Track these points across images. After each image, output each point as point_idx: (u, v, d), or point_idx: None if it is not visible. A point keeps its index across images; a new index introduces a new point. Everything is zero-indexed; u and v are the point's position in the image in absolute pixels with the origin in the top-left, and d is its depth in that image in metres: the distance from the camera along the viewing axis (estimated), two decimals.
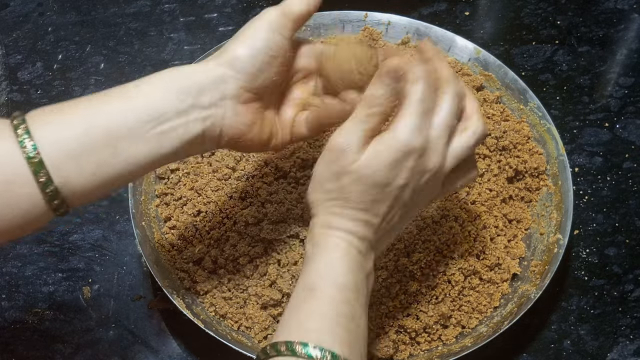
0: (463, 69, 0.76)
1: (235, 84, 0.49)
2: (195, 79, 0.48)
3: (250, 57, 0.49)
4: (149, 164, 0.47)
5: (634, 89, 0.82)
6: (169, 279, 0.62)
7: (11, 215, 0.44)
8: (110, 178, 0.46)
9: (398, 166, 0.46)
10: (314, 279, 0.47)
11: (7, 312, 0.66)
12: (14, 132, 0.44)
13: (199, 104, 0.48)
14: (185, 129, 0.47)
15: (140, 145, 0.46)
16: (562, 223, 0.65)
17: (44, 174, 0.44)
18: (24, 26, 0.90)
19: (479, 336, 0.60)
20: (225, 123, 0.49)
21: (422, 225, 0.64)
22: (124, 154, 0.46)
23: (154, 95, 0.47)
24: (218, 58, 0.49)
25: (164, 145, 0.47)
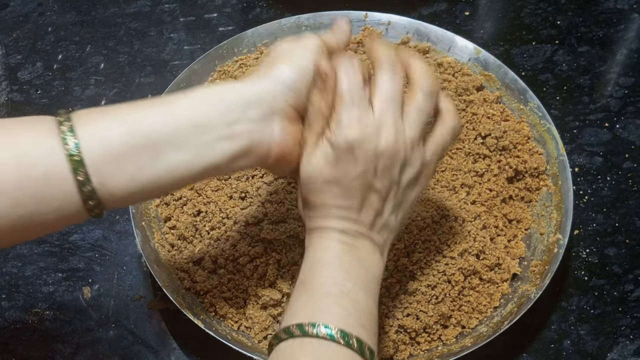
0: (463, 69, 0.76)
1: (284, 100, 0.49)
2: (245, 93, 0.48)
3: (299, 76, 0.49)
4: (190, 174, 0.47)
5: (634, 89, 0.82)
6: (169, 279, 0.62)
7: (46, 210, 0.44)
8: (149, 184, 0.46)
9: (342, 160, 0.48)
10: (303, 274, 0.50)
11: (7, 312, 0.66)
12: (58, 129, 0.44)
13: (246, 117, 0.47)
14: (230, 142, 0.47)
15: (182, 153, 0.46)
16: (562, 223, 0.65)
17: (83, 173, 0.44)
18: (24, 26, 0.90)
19: (479, 336, 0.60)
20: (274, 139, 0.49)
21: (422, 225, 0.64)
22: (165, 161, 0.46)
23: (201, 105, 0.47)
24: (264, 74, 0.49)
25: (206, 155, 0.47)
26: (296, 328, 0.45)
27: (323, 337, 0.44)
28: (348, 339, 0.45)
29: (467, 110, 0.73)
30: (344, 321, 0.45)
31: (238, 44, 0.78)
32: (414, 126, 0.49)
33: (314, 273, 0.49)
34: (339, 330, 0.45)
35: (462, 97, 0.73)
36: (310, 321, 0.45)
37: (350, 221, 0.50)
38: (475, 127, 0.71)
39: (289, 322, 0.46)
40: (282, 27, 0.79)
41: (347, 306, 0.47)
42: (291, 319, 0.47)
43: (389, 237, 0.52)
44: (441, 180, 0.68)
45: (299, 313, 0.47)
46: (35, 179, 0.43)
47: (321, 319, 0.45)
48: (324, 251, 0.50)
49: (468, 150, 0.70)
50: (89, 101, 0.82)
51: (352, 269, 0.49)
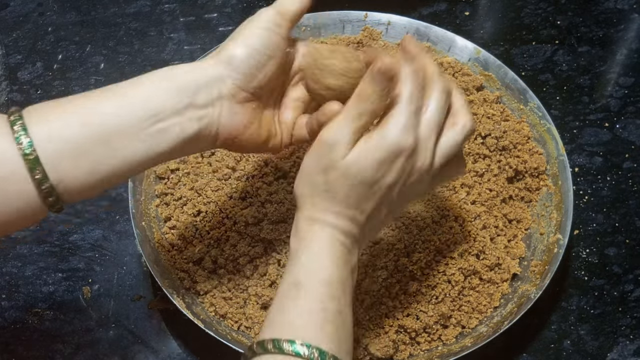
0: (463, 69, 0.76)
1: (231, 83, 0.49)
2: (192, 78, 0.48)
3: (246, 56, 0.49)
4: (145, 161, 0.47)
5: (634, 89, 0.82)
6: (169, 279, 0.62)
7: (6, 211, 0.44)
8: (107, 175, 0.46)
9: (386, 165, 0.46)
10: (299, 275, 0.47)
11: (7, 312, 0.66)
12: (10, 128, 0.44)
13: (195, 103, 0.48)
14: (181, 128, 0.47)
15: (136, 143, 0.46)
16: (562, 223, 0.65)
17: (40, 171, 0.44)
18: (24, 26, 0.90)
19: (479, 336, 0.60)
20: (221, 122, 0.49)
21: (422, 225, 0.64)
22: (121, 152, 0.46)
23: (150, 94, 0.47)
24: (214, 57, 0.49)
25: (160, 143, 0.47)
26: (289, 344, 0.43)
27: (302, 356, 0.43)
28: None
29: None
30: (336, 346, 0.44)
31: None
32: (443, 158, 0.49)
33: (312, 279, 0.46)
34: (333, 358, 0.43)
35: None
36: (304, 341, 0.43)
37: (357, 225, 0.48)
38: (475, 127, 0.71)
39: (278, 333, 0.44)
40: None
41: (340, 328, 0.45)
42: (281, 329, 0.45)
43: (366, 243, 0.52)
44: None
45: (292, 325, 0.45)
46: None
47: (315, 341, 0.43)
48: (326, 254, 0.47)
49: (468, 150, 0.70)
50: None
51: (347, 281, 0.48)
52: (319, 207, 0.48)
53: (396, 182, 0.47)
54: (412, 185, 0.49)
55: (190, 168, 0.69)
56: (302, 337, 0.43)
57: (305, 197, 0.49)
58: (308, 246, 0.48)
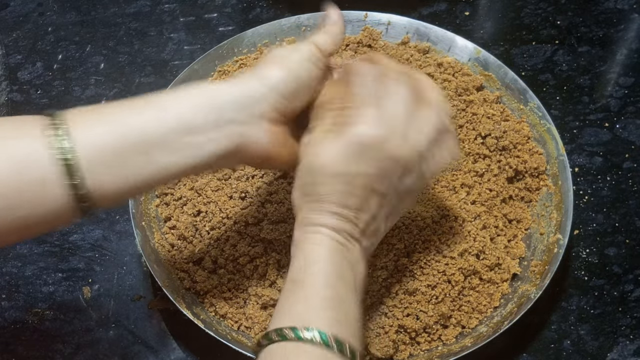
0: (463, 69, 0.76)
1: (271, 104, 0.50)
2: (235, 95, 0.49)
3: (288, 81, 0.50)
4: (179, 173, 0.48)
5: (634, 89, 0.82)
6: (169, 279, 0.62)
7: (41, 212, 0.45)
8: (140, 184, 0.47)
9: (358, 156, 0.48)
10: (296, 273, 0.49)
11: (7, 312, 0.66)
12: (53, 132, 0.44)
13: (234, 119, 0.48)
14: (217, 143, 0.48)
15: (172, 154, 0.47)
16: (562, 223, 0.65)
17: (78, 177, 0.44)
18: (24, 26, 0.90)
19: (479, 336, 0.60)
20: (256, 141, 0.50)
21: (422, 225, 0.64)
22: (157, 162, 0.47)
23: (191, 108, 0.48)
24: (255, 77, 0.50)
25: (195, 156, 0.48)
26: (290, 330, 0.44)
27: (317, 343, 0.44)
28: (342, 347, 0.44)
29: (467, 110, 0.72)
30: (337, 328, 0.45)
31: (238, 44, 0.78)
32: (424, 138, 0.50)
33: (308, 272, 0.48)
34: (333, 337, 0.44)
35: (462, 97, 0.73)
36: (304, 325, 0.44)
37: (347, 221, 0.49)
38: (475, 127, 0.71)
39: (281, 323, 0.45)
40: (282, 27, 0.79)
41: (340, 312, 0.46)
42: (283, 319, 0.46)
43: (374, 244, 0.53)
44: (441, 180, 0.68)
45: (292, 314, 0.46)
46: (30, 183, 0.43)
47: (315, 324, 0.45)
48: (319, 249, 0.49)
49: (468, 150, 0.70)
50: (89, 101, 0.82)
51: (344, 272, 0.48)
52: (307, 210, 0.50)
53: (375, 173, 0.48)
54: (403, 177, 0.49)
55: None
56: (302, 322, 0.44)
57: (296, 204, 0.51)
58: (301, 248, 0.49)
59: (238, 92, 0.49)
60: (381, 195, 0.49)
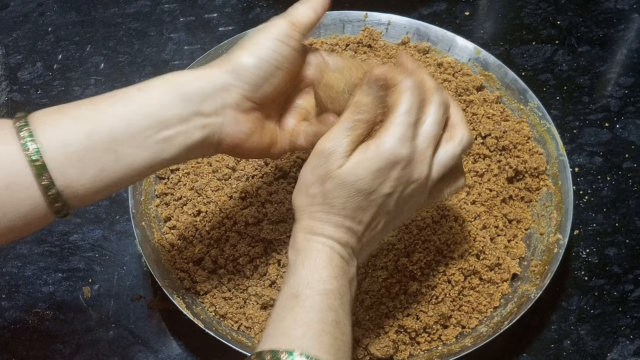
0: (463, 69, 0.76)
1: (237, 93, 0.49)
2: (199, 86, 0.48)
3: (255, 67, 0.48)
4: (149, 168, 0.48)
5: (634, 89, 0.82)
6: (169, 279, 0.62)
7: (12, 216, 0.44)
8: (112, 181, 0.47)
9: (383, 175, 0.46)
10: (297, 286, 0.47)
11: (7, 312, 0.66)
12: (17, 134, 0.44)
13: (201, 111, 0.48)
14: (186, 136, 0.48)
15: (142, 150, 0.46)
16: (562, 223, 0.65)
17: (47, 178, 0.44)
18: (24, 26, 0.90)
19: (479, 336, 0.60)
20: (224, 131, 0.49)
21: (422, 225, 0.64)
22: (126, 159, 0.46)
23: (157, 101, 0.47)
24: (222, 65, 0.49)
25: (164, 150, 0.47)
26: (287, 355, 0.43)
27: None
28: None
29: (467, 110, 0.73)
30: (335, 355, 0.44)
31: None
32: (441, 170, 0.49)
33: (311, 290, 0.46)
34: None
35: (462, 97, 0.74)
36: (302, 351, 0.43)
37: (354, 237, 0.48)
38: (475, 127, 0.71)
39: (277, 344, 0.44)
40: None
41: (339, 337, 0.45)
42: (281, 340, 0.44)
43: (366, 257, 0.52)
44: None
45: (290, 337, 0.44)
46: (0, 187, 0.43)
47: (314, 351, 0.43)
48: (325, 266, 0.47)
49: (468, 150, 0.70)
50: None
51: (345, 293, 0.47)
52: (316, 218, 0.48)
53: (393, 192, 0.47)
54: (409, 196, 0.49)
55: (190, 168, 0.69)
56: (300, 347, 0.43)
57: (302, 208, 0.49)
58: (306, 258, 0.48)
59: (203, 82, 0.48)
60: (389, 213, 0.49)
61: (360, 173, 0.46)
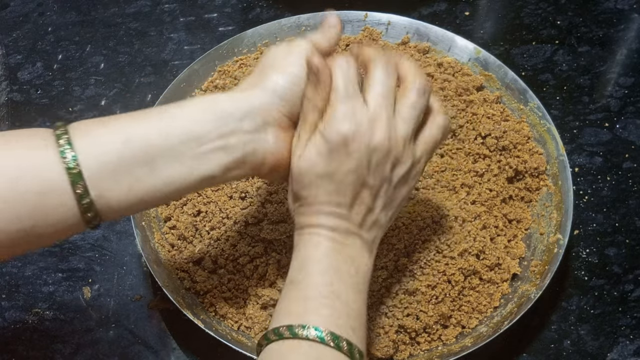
0: (463, 69, 0.76)
1: (277, 111, 0.50)
2: (238, 106, 0.48)
3: (291, 84, 0.50)
4: (186, 185, 0.48)
5: (634, 89, 0.82)
6: (169, 279, 0.62)
7: (45, 223, 0.45)
8: (146, 195, 0.47)
9: (338, 154, 0.47)
10: (294, 274, 0.49)
11: (7, 312, 0.66)
12: (55, 142, 0.44)
13: (241, 128, 0.48)
14: (225, 153, 0.48)
15: (178, 164, 0.47)
16: (562, 223, 0.65)
17: (82, 186, 0.44)
18: (24, 26, 0.90)
19: (479, 336, 0.60)
20: (268, 149, 0.49)
21: (422, 225, 0.64)
22: (161, 173, 0.46)
23: (196, 117, 0.47)
24: (258, 85, 0.50)
25: (201, 166, 0.47)
26: (286, 329, 0.45)
27: (313, 339, 0.44)
28: (338, 341, 0.44)
29: (467, 110, 0.73)
30: (334, 323, 0.45)
31: (238, 44, 0.78)
32: (406, 123, 0.49)
33: (304, 272, 0.48)
34: (329, 332, 0.44)
35: (462, 97, 0.73)
36: (300, 323, 0.45)
37: (341, 218, 0.49)
38: (475, 127, 0.71)
39: (278, 323, 0.46)
40: (282, 27, 0.79)
41: (338, 308, 0.47)
42: (281, 319, 0.46)
43: (378, 235, 0.52)
44: (441, 180, 0.68)
45: (289, 313, 0.47)
46: (34, 193, 0.43)
47: (311, 321, 0.45)
48: (314, 249, 0.49)
49: (468, 150, 0.70)
50: (89, 101, 0.82)
51: (342, 268, 0.48)
52: (299, 213, 0.50)
53: (358, 165, 0.47)
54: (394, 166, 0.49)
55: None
56: (298, 321, 0.45)
57: (292, 210, 0.52)
58: (299, 249, 0.50)
59: (241, 102, 0.49)
60: (373, 187, 0.49)
61: (313, 158, 0.48)
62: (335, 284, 0.47)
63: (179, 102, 0.49)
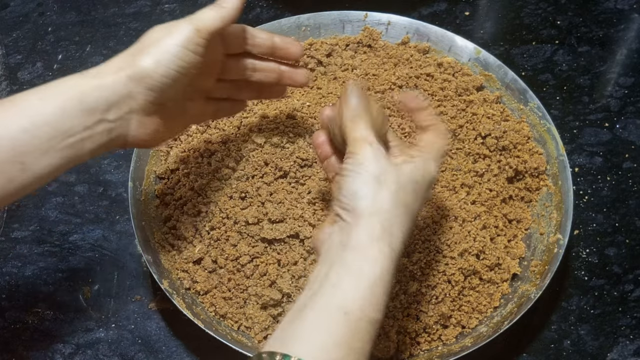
0: (463, 69, 0.76)
1: (142, 99, 0.50)
2: (103, 96, 0.48)
3: (158, 74, 0.49)
4: (56, 172, 0.49)
5: (634, 89, 0.82)
6: (169, 279, 0.62)
7: None
8: (19, 191, 0.48)
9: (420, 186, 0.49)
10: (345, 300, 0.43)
11: (7, 312, 0.66)
12: None
13: (105, 118, 0.49)
14: (92, 141, 0.49)
15: (48, 158, 0.47)
16: (562, 223, 0.65)
17: None
18: (24, 26, 0.90)
19: (479, 336, 0.60)
20: (130, 133, 0.51)
21: (422, 225, 0.64)
22: (33, 169, 0.47)
23: (60, 112, 0.47)
24: (125, 69, 0.49)
25: (70, 156, 0.49)
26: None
27: None
28: None
29: (467, 110, 0.72)
30: None
31: None
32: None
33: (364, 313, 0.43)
34: None
35: (462, 97, 0.73)
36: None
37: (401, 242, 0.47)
38: (475, 127, 0.71)
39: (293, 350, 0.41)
40: (282, 27, 0.79)
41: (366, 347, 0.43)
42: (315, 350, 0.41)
43: None
44: (441, 180, 0.68)
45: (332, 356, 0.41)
46: None
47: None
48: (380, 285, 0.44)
49: (468, 150, 0.70)
50: None
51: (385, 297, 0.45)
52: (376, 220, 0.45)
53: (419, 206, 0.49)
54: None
55: (190, 168, 0.69)
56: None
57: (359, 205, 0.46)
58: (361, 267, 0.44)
59: (108, 92, 0.48)
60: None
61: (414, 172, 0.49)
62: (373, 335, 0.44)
63: (40, 89, 0.48)
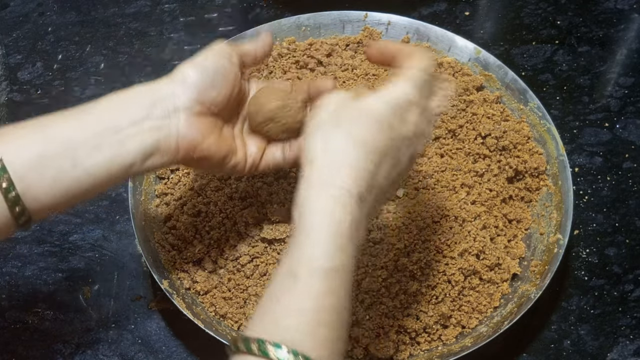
0: (463, 69, 0.76)
1: (186, 96, 0.52)
2: (147, 95, 0.52)
3: (199, 73, 0.53)
4: (107, 175, 0.50)
5: (634, 89, 0.82)
6: (169, 279, 0.62)
7: None
8: (71, 187, 0.48)
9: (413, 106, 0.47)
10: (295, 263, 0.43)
11: (7, 312, 0.66)
12: None
13: (152, 115, 0.51)
14: (140, 138, 0.50)
15: (97, 154, 0.49)
16: (562, 223, 0.65)
17: (6, 179, 0.46)
18: (24, 26, 0.90)
19: (479, 336, 0.60)
20: (179, 133, 0.52)
21: (422, 225, 0.64)
22: (83, 164, 0.48)
23: (109, 109, 0.51)
24: (169, 77, 0.53)
25: (120, 154, 0.49)
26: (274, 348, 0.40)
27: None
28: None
29: (467, 110, 0.73)
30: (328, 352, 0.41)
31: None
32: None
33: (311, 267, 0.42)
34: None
35: (462, 97, 0.73)
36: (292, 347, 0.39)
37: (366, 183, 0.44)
38: (475, 127, 0.71)
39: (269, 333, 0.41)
40: (282, 27, 0.79)
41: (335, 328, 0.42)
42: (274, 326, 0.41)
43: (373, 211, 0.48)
44: (441, 180, 0.68)
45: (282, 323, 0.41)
46: None
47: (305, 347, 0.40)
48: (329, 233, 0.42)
49: (468, 150, 0.70)
50: (89, 101, 0.82)
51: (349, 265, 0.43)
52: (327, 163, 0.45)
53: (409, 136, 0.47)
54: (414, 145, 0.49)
55: (190, 168, 0.69)
56: (290, 341, 0.40)
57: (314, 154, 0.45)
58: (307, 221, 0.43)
59: (150, 91, 0.52)
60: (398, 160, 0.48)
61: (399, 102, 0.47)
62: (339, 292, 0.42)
63: (96, 99, 0.52)
